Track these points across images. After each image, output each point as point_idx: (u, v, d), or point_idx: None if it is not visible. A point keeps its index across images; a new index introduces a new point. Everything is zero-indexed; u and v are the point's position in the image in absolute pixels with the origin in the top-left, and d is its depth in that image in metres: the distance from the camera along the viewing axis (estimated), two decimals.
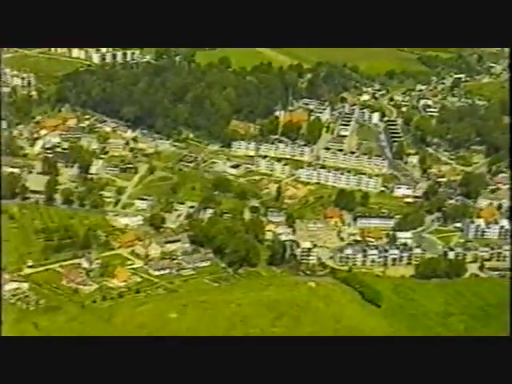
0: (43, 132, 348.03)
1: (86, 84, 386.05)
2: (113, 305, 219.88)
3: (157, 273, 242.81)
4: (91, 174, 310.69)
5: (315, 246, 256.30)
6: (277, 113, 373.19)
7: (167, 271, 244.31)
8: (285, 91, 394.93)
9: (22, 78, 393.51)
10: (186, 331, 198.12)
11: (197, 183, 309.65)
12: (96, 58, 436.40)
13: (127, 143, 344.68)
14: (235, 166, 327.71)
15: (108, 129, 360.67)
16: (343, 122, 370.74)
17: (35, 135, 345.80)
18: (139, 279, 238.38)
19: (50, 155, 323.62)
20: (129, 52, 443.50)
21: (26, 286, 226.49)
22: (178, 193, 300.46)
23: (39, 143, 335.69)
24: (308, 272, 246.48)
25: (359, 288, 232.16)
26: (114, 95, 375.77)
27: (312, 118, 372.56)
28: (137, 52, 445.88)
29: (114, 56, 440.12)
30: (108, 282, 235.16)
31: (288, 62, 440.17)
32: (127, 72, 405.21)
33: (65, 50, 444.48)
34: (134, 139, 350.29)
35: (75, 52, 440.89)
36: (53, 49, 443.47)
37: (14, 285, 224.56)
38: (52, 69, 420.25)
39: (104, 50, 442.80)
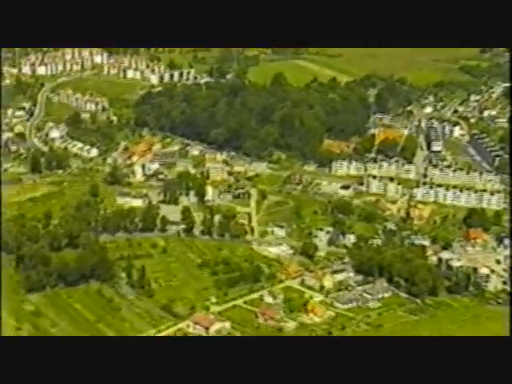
0: (135, 158, 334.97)
1: (164, 107, 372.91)
2: None
3: (345, 306, 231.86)
4: (208, 200, 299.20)
5: (493, 271, 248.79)
6: (371, 130, 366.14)
7: (353, 304, 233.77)
8: (361, 106, 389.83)
9: (96, 104, 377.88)
10: None
11: (315, 206, 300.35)
12: (154, 79, 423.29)
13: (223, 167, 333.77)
14: (346, 187, 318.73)
15: (196, 152, 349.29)
16: (432, 138, 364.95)
17: (127, 162, 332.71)
18: (333, 313, 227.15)
19: (154, 183, 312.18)
20: (185, 71, 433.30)
21: (228, 325, 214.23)
22: (302, 217, 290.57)
23: (139, 170, 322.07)
24: (499, 301, 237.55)
25: None
26: (194, 118, 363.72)
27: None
28: (192, 71, 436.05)
29: (172, 76, 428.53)
30: (302, 317, 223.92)
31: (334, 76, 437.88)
32: (203, 93, 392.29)
33: (116, 70, 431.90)
34: (226, 162, 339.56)
35: (130, 73, 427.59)
36: (105, 71, 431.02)
37: (218, 325, 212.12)
38: (115, 91, 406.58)
39: (156, 69, 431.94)
